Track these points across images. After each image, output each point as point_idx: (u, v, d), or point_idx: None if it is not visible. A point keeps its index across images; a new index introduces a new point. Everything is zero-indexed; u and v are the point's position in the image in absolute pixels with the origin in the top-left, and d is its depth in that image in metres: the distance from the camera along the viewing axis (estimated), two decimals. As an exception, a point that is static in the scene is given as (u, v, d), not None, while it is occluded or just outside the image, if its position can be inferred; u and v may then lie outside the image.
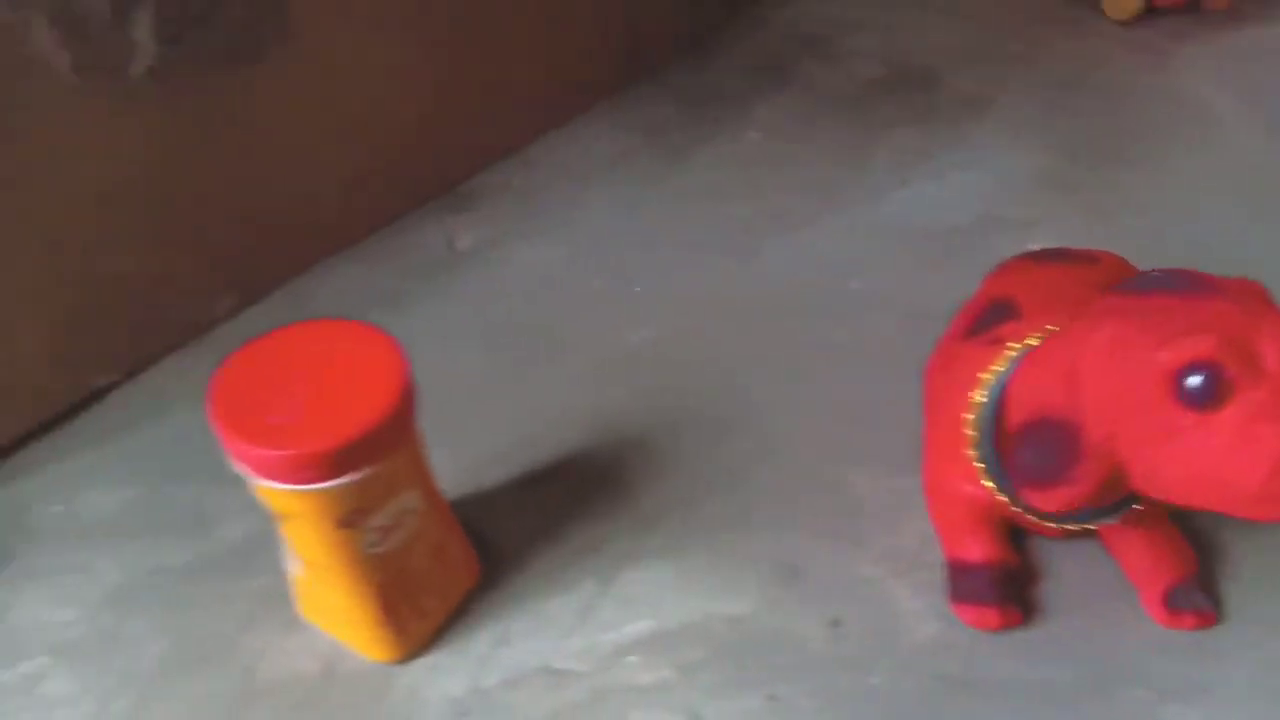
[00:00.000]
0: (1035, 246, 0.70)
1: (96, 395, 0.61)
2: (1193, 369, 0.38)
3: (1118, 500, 0.45)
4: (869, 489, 0.56)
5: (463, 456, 0.56)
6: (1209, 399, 0.38)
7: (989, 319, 0.52)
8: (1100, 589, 0.51)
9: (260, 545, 0.53)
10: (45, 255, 0.56)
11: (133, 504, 0.56)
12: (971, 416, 0.48)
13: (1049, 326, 0.47)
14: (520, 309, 0.68)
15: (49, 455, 0.58)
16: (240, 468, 0.41)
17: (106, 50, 0.52)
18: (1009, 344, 0.48)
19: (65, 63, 0.51)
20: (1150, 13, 0.91)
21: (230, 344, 0.64)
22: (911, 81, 0.86)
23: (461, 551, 0.50)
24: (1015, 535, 0.52)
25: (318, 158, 0.66)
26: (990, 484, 0.49)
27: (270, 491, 0.41)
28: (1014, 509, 0.48)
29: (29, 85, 0.51)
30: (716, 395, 0.61)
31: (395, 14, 0.66)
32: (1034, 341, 0.47)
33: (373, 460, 0.40)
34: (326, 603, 0.47)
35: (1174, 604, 0.49)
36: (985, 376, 0.48)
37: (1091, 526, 0.49)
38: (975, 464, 0.49)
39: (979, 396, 0.48)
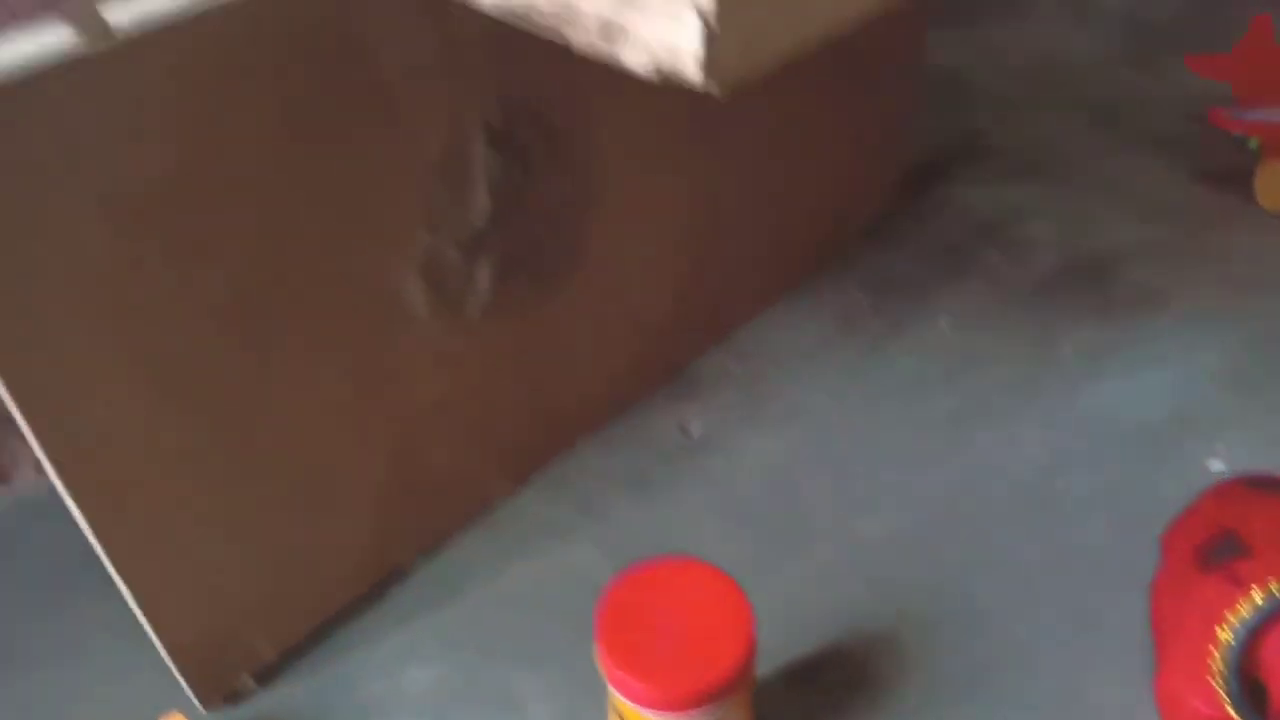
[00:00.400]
0: (1223, 447, 0.77)
1: (399, 574, 0.70)
2: None
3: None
4: (1102, 696, 0.62)
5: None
6: None
7: (1220, 551, 0.59)
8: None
9: (565, 728, 0.61)
10: (383, 453, 0.65)
11: (447, 681, 0.64)
12: (1218, 654, 0.54)
13: (1291, 577, 0.54)
14: (753, 497, 0.76)
15: (367, 632, 0.67)
16: (617, 692, 0.49)
17: (455, 293, 0.62)
18: (1253, 588, 0.55)
19: (424, 306, 0.61)
20: (1306, 204, 0.98)
21: (504, 526, 0.74)
22: (1088, 272, 0.93)
23: (753, 751, 0.57)
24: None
25: (589, 355, 0.75)
26: (1234, 714, 0.54)
27: (640, 716, 0.48)
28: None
29: (392, 323, 0.60)
30: (949, 593, 0.68)
31: (658, 228, 0.75)
32: (1277, 590, 0.54)
33: (732, 694, 0.48)
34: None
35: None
36: (1232, 619, 0.54)
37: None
38: (1221, 694, 0.55)
39: (1227, 638, 0.54)
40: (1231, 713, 0.55)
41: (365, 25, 0.50)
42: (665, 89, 0.39)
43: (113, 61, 0.42)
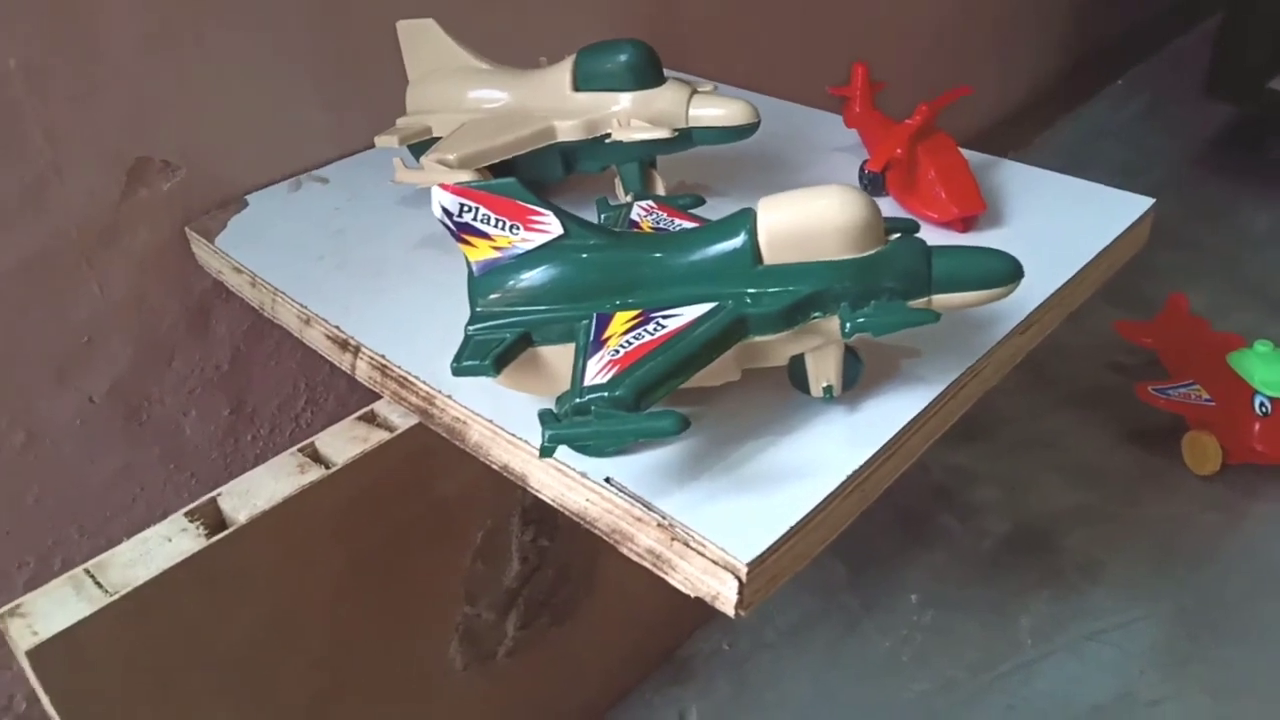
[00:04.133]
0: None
1: None
2: None
3: None
4: None
5: None
6: None
7: None
8: None
9: None
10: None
11: None
12: None
13: None
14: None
15: None
16: None
17: (487, 646, 0.69)
18: None
19: (460, 665, 0.68)
20: (1225, 466, 1.09)
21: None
22: (1034, 541, 1.03)
23: None
24: None
25: (594, 659, 0.82)
26: None
27: None
28: None
29: (432, 678, 0.67)
30: None
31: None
32: None
33: None
34: None
35: None
36: None
37: None
38: None
39: None
40: None
41: (441, 479, 0.58)
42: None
43: (223, 549, 0.50)
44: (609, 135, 0.64)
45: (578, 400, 0.43)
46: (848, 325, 0.45)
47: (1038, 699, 0.88)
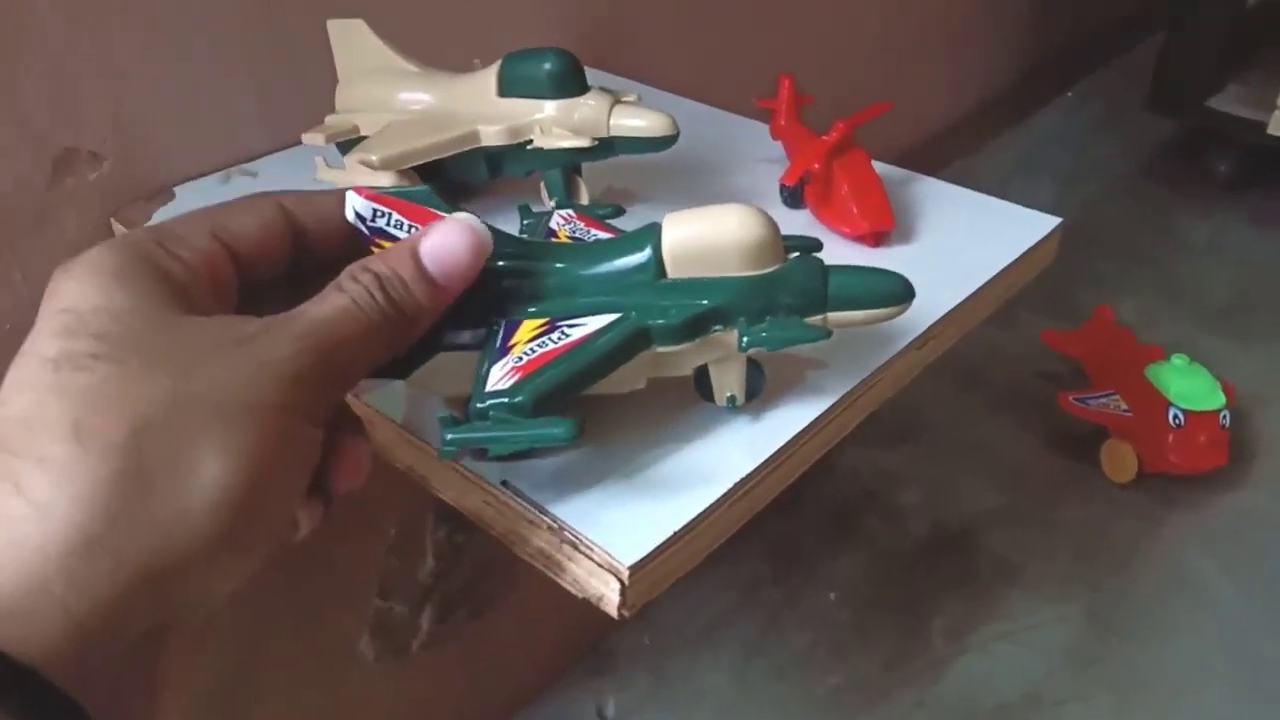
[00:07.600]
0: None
1: None
2: None
3: None
4: None
5: None
6: None
7: None
8: None
9: None
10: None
11: None
12: None
13: None
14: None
15: None
16: None
17: (400, 639, 0.70)
18: None
19: (371, 656, 0.69)
20: (1142, 475, 1.13)
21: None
22: (953, 544, 1.06)
23: None
24: None
25: (515, 652, 0.83)
26: None
27: None
28: None
29: (343, 670, 0.68)
30: None
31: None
32: None
33: None
34: None
35: None
36: None
37: None
38: None
39: None
40: None
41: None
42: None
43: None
44: (531, 141, 0.65)
45: (478, 405, 0.44)
46: (744, 339, 0.46)
47: (946, 696, 0.91)
